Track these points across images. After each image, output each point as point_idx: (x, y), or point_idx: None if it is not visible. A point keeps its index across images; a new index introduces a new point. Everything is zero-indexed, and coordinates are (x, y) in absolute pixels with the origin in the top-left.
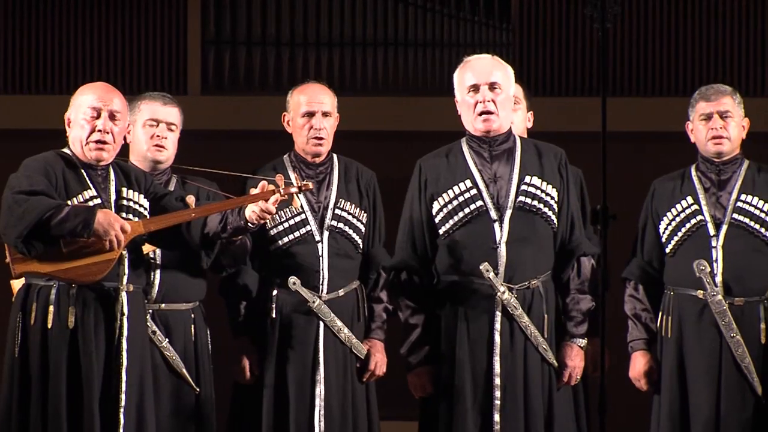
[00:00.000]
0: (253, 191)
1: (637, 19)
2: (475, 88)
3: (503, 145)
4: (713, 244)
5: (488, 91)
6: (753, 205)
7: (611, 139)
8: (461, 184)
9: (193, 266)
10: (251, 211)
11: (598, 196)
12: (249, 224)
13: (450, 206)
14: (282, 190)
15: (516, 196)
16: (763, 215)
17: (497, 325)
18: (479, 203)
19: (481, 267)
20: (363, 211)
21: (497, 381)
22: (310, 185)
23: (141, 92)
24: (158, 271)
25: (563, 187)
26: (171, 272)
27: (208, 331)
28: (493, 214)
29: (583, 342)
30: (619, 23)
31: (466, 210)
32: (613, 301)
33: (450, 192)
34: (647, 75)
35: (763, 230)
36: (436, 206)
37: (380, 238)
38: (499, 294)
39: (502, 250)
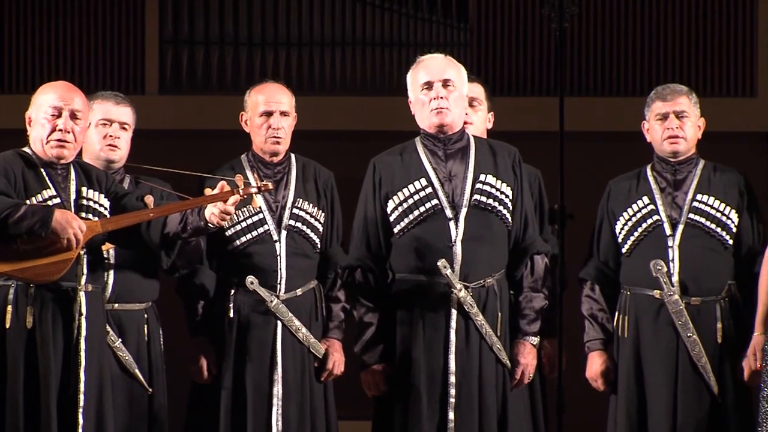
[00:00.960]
0: (209, 191)
1: (595, 19)
2: (429, 85)
3: (457, 144)
4: (669, 244)
5: (441, 88)
6: (709, 205)
7: (569, 138)
8: (416, 183)
9: (147, 266)
10: (211, 212)
11: (556, 195)
12: (209, 225)
13: (405, 205)
14: (241, 191)
15: (471, 195)
16: (719, 215)
17: (453, 323)
18: (434, 202)
19: (439, 264)
20: (321, 211)
21: (452, 379)
22: (270, 186)
23: (99, 91)
24: (111, 271)
25: (517, 186)
26: (124, 272)
27: (161, 332)
28: (449, 213)
29: (535, 340)
30: (576, 23)
31: (421, 209)
32: (570, 300)
33: (405, 191)
34: (605, 75)
35: (719, 230)
36: (390, 205)
37: (338, 238)
38: (455, 292)
39: (458, 249)
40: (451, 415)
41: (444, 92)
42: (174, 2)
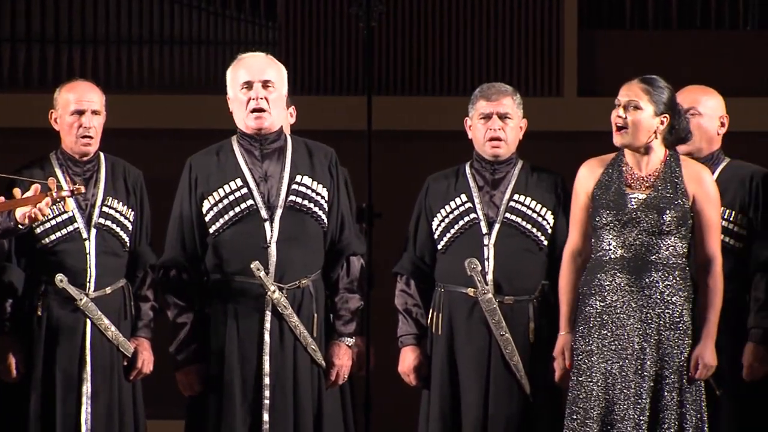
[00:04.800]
0: (18, 191)
1: (402, 18)
2: (249, 85)
3: (274, 144)
4: (485, 242)
5: (261, 89)
6: (525, 205)
7: (377, 137)
8: (231, 183)
9: None
10: (22, 212)
11: (364, 194)
12: (19, 225)
13: (220, 205)
14: (55, 194)
15: (286, 196)
16: (534, 215)
17: (267, 325)
18: (249, 202)
19: (251, 266)
20: (130, 209)
21: (267, 380)
22: (83, 189)
23: None
24: None
25: (333, 187)
26: None
27: None
28: (264, 214)
29: (351, 341)
30: (384, 22)
31: (236, 209)
32: (378, 299)
33: (220, 191)
34: (412, 74)
35: (534, 230)
36: (206, 205)
37: (147, 237)
38: (269, 293)
39: (273, 250)
40: (266, 417)
41: (263, 93)
42: None
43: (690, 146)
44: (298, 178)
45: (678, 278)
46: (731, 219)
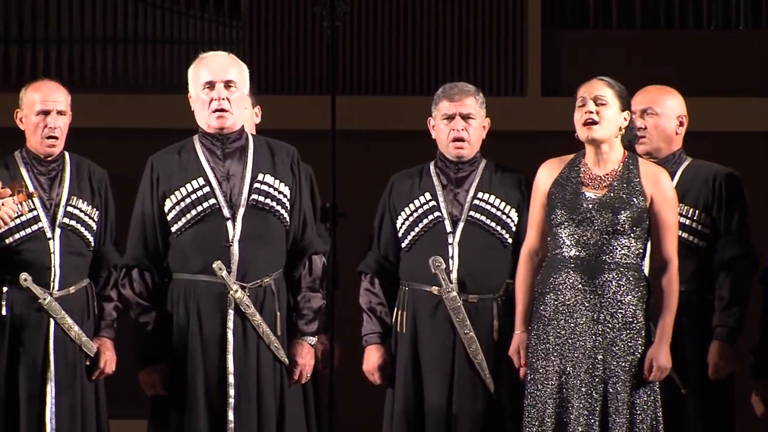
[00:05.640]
0: None
1: (367, 18)
2: (211, 85)
3: (236, 143)
4: (450, 240)
5: (224, 89)
6: (489, 203)
7: (341, 137)
8: (193, 182)
9: None
10: None
11: (328, 193)
12: None
13: (182, 204)
14: (17, 197)
15: (249, 195)
16: (499, 213)
17: (230, 324)
18: (211, 201)
19: (214, 265)
20: (95, 209)
21: (231, 379)
22: (35, 193)
23: None
24: None
25: (296, 186)
26: None
27: None
28: (226, 213)
29: (313, 340)
30: (348, 22)
31: (198, 208)
32: (342, 298)
33: (182, 189)
34: (377, 73)
35: (498, 228)
36: (168, 204)
37: (111, 236)
38: (231, 292)
39: (235, 249)
40: (230, 416)
41: (225, 93)
42: None
43: (648, 146)
44: (260, 177)
45: (632, 279)
46: (695, 218)
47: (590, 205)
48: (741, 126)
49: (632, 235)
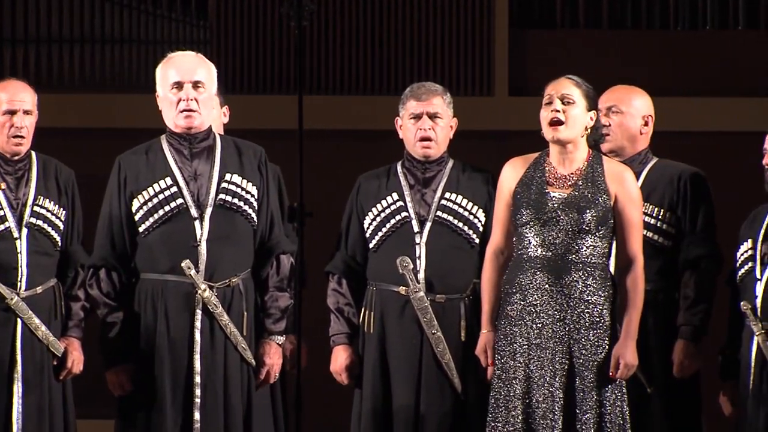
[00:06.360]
0: None
1: (334, 17)
2: (179, 85)
3: (203, 143)
4: (417, 241)
5: (192, 90)
6: (457, 204)
7: (308, 136)
8: (161, 182)
9: None
10: None
11: (296, 193)
12: None
13: (150, 204)
14: None
15: (216, 194)
16: (466, 213)
17: (198, 323)
18: (179, 201)
19: (183, 264)
20: (62, 209)
21: (197, 379)
22: (2, 186)
23: None
24: None
25: (263, 185)
26: None
27: None
28: (194, 212)
29: (281, 339)
30: (315, 21)
31: (166, 208)
32: (309, 298)
33: (150, 190)
34: (344, 73)
35: (466, 228)
36: (135, 204)
37: (78, 236)
38: (199, 292)
39: (203, 248)
40: (197, 416)
41: (194, 94)
42: None
43: (611, 144)
44: (227, 177)
45: (598, 278)
46: (660, 217)
47: (556, 205)
48: (707, 126)
49: (598, 234)
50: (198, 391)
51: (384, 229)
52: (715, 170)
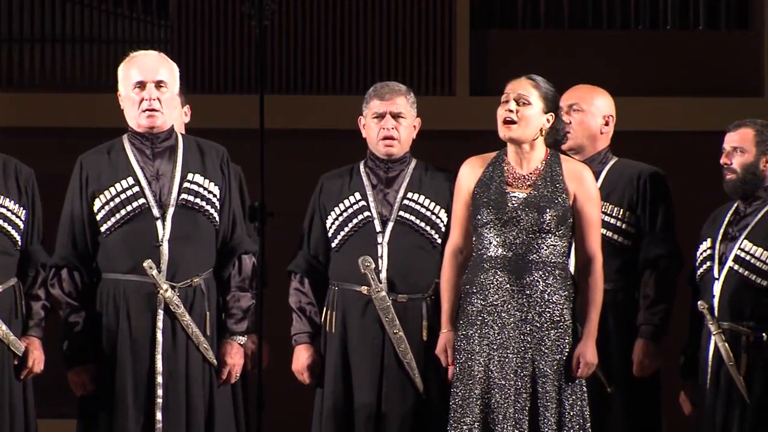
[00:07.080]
0: None
1: (295, 17)
2: (141, 85)
3: (165, 143)
4: (379, 240)
5: (154, 90)
6: (419, 203)
7: (270, 136)
8: (123, 182)
9: None
10: None
11: (257, 193)
12: None
13: (111, 203)
14: None
15: (178, 194)
16: (428, 213)
17: (160, 323)
18: (141, 201)
19: (144, 264)
20: (22, 208)
21: (159, 379)
22: None
23: None
24: None
25: (225, 185)
26: None
27: None
28: (156, 212)
29: (243, 339)
30: (276, 21)
31: (128, 208)
32: (271, 297)
33: (111, 189)
34: (306, 73)
35: (428, 228)
36: (97, 203)
37: (38, 236)
38: (161, 292)
39: (165, 248)
40: (159, 416)
41: (157, 93)
42: None
43: (572, 142)
44: (189, 177)
45: (558, 277)
46: (620, 217)
47: (516, 205)
48: (667, 125)
49: (558, 233)
50: (160, 391)
51: (346, 229)
52: (676, 170)
